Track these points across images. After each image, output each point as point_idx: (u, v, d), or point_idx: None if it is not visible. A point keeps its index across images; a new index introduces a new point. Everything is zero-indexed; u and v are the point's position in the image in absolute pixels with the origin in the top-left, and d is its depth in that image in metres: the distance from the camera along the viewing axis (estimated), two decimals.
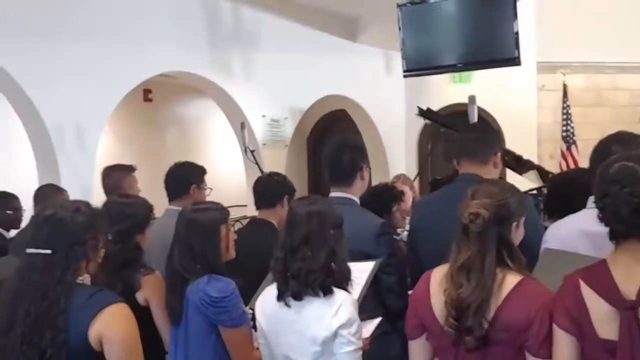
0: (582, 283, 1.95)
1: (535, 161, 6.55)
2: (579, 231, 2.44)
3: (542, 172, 5.92)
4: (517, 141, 7.83)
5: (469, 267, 2.06)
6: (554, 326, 1.98)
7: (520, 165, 5.74)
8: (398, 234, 4.01)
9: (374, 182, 5.70)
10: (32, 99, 5.45)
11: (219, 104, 7.51)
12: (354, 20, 7.86)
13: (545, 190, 4.69)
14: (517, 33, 5.84)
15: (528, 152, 6.54)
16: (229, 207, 6.03)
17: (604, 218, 1.95)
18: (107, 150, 7.21)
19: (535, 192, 4.89)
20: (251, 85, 7.26)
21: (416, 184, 7.37)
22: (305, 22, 7.61)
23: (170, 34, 6.45)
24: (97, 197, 3.91)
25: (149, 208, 3.07)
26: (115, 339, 2.13)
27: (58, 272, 2.13)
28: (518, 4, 6.19)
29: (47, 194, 4.15)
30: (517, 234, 2.19)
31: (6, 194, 4.84)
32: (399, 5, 6.19)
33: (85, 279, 2.23)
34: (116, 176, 4.35)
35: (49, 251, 2.14)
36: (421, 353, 2.25)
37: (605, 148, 2.64)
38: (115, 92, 6.13)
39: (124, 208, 2.97)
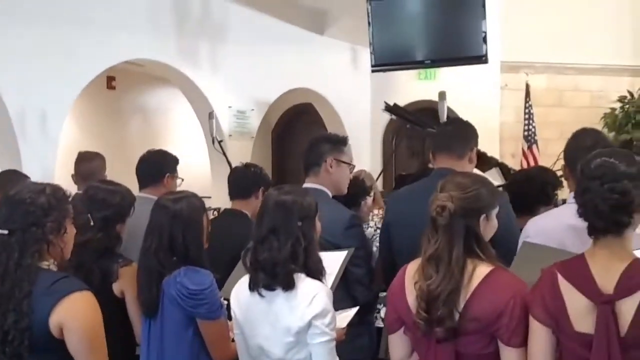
0: (559, 276, 1.98)
1: (498, 158, 6.65)
2: (565, 225, 2.46)
3: (504, 170, 6.02)
4: (480, 139, 7.84)
5: (437, 258, 2.08)
6: (531, 318, 2.01)
7: (483, 162, 5.81)
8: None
9: None
10: None
11: (185, 93, 7.43)
12: (322, 13, 7.86)
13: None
14: (485, 32, 5.92)
15: (490, 150, 6.58)
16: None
17: (583, 213, 1.97)
18: (69, 137, 7.08)
19: (500, 188, 4.95)
20: (218, 75, 7.21)
21: (381, 179, 7.44)
22: (273, 13, 7.57)
23: (137, 21, 6.35)
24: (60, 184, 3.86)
25: (132, 199, 3.01)
26: (75, 328, 2.07)
27: (16, 254, 2.08)
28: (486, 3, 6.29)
29: (9, 179, 4.07)
30: (489, 227, 2.20)
31: None
32: (368, 0, 6.22)
33: (51, 264, 2.17)
34: (97, 162, 4.33)
35: (5, 232, 2.10)
36: (400, 346, 2.26)
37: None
38: (79, 79, 6.02)
39: (109, 195, 2.91)
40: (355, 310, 2.73)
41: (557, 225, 2.54)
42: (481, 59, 6.00)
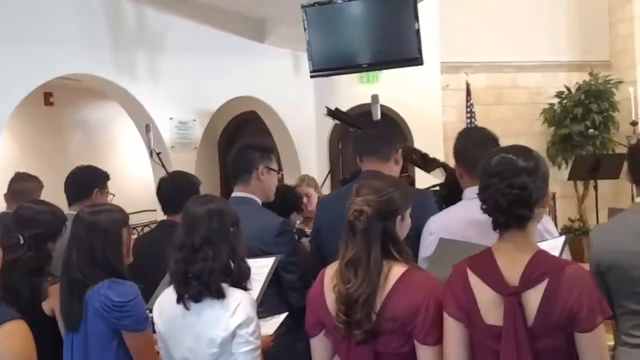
0: (469, 271, 2.02)
1: (442, 159, 6.75)
2: (467, 220, 2.52)
3: (448, 170, 6.11)
4: (424, 140, 8.06)
5: (356, 262, 2.10)
6: (444, 314, 2.04)
7: (427, 163, 5.88)
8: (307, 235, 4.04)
9: (288, 182, 5.76)
10: None
11: (124, 106, 7.34)
12: (261, 22, 7.85)
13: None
14: (418, 34, 6.01)
15: (435, 150, 6.68)
16: (138, 212, 5.91)
17: (487, 209, 2.02)
18: (6, 154, 6.95)
19: (438, 187, 5.03)
20: (157, 87, 7.12)
21: (328, 182, 7.48)
22: (211, 23, 7.53)
23: (70, 35, 6.25)
24: None
25: (63, 218, 3.01)
26: (9, 357, 2.01)
27: None
28: (421, 6, 6.37)
29: None
30: (403, 227, 2.24)
31: None
32: (303, 7, 6.24)
33: None
34: (31, 184, 4.26)
35: None
36: (322, 350, 2.28)
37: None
38: (13, 95, 5.90)
39: (39, 214, 2.91)
40: (284, 316, 2.73)
41: (459, 221, 2.60)
42: (416, 60, 6.08)
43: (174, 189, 3.59)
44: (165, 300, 2.39)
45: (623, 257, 2.51)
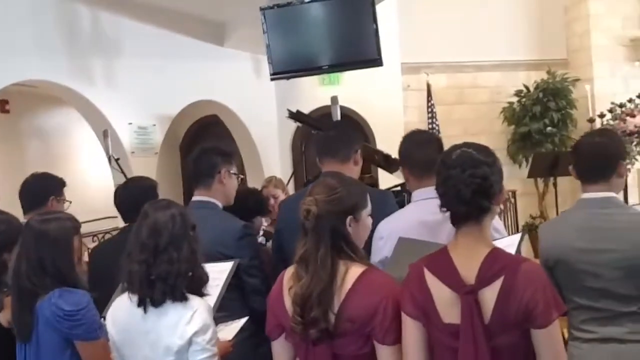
0: (425, 270, 2.03)
1: None
2: (416, 222, 2.55)
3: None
4: (387, 140, 8.03)
5: (306, 260, 2.10)
6: (402, 314, 2.04)
7: (389, 164, 5.88)
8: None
9: (251, 186, 5.70)
10: None
11: (81, 112, 7.23)
12: (220, 25, 7.79)
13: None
14: (377, 35, 6.01)
15: (397, 151, 6.71)
16: (99, 219, 5.76)
17: (445, 202, 2.03)
18: None
19: (399, 188, 5.03)
20: (115, 92, 7.02)
21: (291, 183, 7.44)
22: (169, 27, 7.46)
23: (25, 41, 6.13)
24: None
25: (18, 227, 2.94)
26: None
27: None
28: (380, 7, 6.39)
29: None
30: (360, 227, 2.21)
31: None
32: (262, 9, 6.20)
33: None
34: None
35: None
36: (283, 353, 2.27)
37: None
38: None
39: None
40: (244, 320, 2.72)
41: (410, 223, 2.62)
42: (376, 61, 6.09)
43: (133, 195, 3.50)
44: (120, 308, 2.35)
45: (568, 252, 2.57)
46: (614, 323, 2.52)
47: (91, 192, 8.18)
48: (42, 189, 3.61)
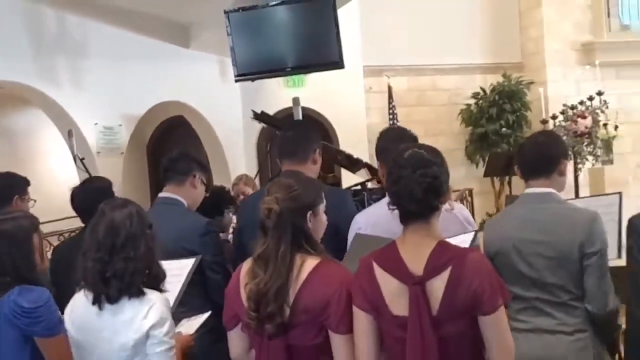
0: (374, 264, 2.05)
1: (367, 159, 6.86)
2: (391, 214, 2.58)
3: (371, 169, 6.21)
4: (349, 141, 8.17)
5: (266, 258, 2.12)
6: (354, 306, 2.07)
7: (352, 164, 5.95)
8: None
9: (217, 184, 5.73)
10: None
11: (47, 113, 7.21)
12: (185, 27, 7.78)
13: (369, 185, 4.99)
14: (339, 38, 6.08)
15: (360, 151, 6.76)
16: (65, 218, 5.74)
17: (397, 200, 2.06)
18: None
19: (359, 186, 5.13)
20: (81, 93, 7.02)
21: (257, 183, 7.49)
22: (135, 28, 7.43)
23: None
24: None
25: None
26: None
27: None
28: (342, 12, 6.45)
29: None
30: (317, 222, 2.24)
31: None
32: (226, 12, 6.22)
33: None
34: None
35: None
36: (238, 343, 2.29)
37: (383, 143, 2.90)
38: None
39: None
40: (206, 315, 2.72)
41: (384, 216, 2.65)
42: (338, 64, 6.14)
43: (88, 196, 3.34)
44: (77, 306, 2.35)
45: (506, 244, 2.62)
46: (545, 314, 2.57)
47: (58, 192, 8.05)
48: (6, 188, 3.53)
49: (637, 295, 2.52)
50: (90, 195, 3.30)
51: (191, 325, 2.64)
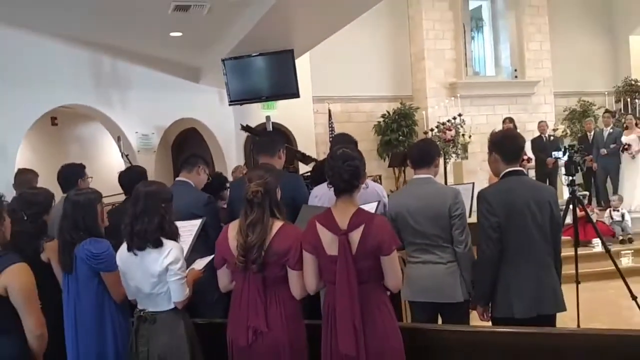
0: (317, 222, 2.06)
1: (315, 156, 6.94)
2: (330, 190, 2.53)
3: (318, 163, 6.25)
4: (304, 145, 8.18)
5: (255, 223, 2.08)
6: (303, 251, 2.07)
7: (305, 159, 6.01)
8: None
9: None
10: None
11: (104, 124, 7.04)
12: (197, 69, 7.63)
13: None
14: (296, 77, 6.12)
15: (310, 151, 6.85)
16: (115, 194, 5.72)
17: (332, 182, 2.07)
18: (23, 161, 6.36)
19: (309, 173, 5.16)
20: (126, 111, 6.88)
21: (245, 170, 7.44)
22: (163, 69, 7.28)
23: (68, 79, 5.93)
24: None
25: (51, 196, 2.85)
26: (17, 289, 2.02)
27: None
28: (299, 61, 6.46)
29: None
30: (278, 195, 2.21)
31: None
32: (222, 60, 6.21)
33: None
34: (29, 176, 3.95)
35: None
36: (224, 277, 2.23)
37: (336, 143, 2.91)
38: (27, 119, 5.72)
39: (34, 196, 2.76)
40: (209, 258, 2.61)
41: (327, 190, 2.66)
42: (295, 94, 6.20)
43: (131, 177, 3.34)
44: (122, 250, 2.33)
45: (403, 209, 2.65)
46: (429, 252, 2.60)
47: (111, 177, 7.86)
48: (72, 175, 3.42)
49: (481, 238, 2.54)
50: (132, 176, 3.30)
51: (201, 263, 2.60)
